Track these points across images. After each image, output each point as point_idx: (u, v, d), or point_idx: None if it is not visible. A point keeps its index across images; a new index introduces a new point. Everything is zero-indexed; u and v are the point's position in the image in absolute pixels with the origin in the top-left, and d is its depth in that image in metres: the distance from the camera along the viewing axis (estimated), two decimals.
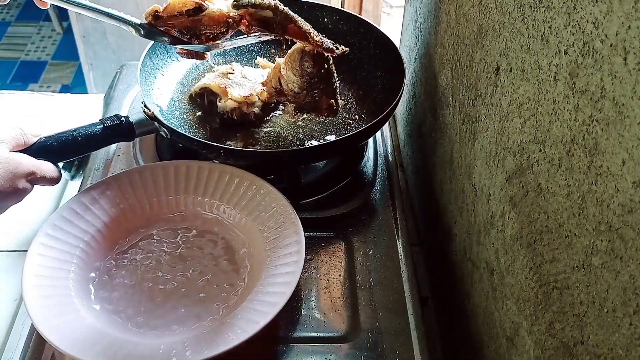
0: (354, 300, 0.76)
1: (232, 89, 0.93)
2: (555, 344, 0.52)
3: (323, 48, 0.78)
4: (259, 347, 0.70)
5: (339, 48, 0.79)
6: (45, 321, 0.66)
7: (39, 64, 2.73)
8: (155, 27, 0.78)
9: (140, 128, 0.86)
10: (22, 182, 0.71)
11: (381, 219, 0.87)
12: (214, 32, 0.77)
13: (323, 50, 0.78)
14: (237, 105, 0.92)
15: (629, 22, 0.39)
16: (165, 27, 0.78)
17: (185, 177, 0.84)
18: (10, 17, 3.00)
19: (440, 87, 0.86)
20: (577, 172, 0.47)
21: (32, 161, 0.73)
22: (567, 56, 0.48)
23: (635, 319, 0.40)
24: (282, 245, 0.75)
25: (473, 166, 0.72)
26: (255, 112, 0.94)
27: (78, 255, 0.75)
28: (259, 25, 0.78)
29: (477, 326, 0.74)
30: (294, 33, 0.78)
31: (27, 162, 0.73)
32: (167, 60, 1.00)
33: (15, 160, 0.71)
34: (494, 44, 0.64)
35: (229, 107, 0.92)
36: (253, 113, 0.94)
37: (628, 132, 0.40)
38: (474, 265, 0.73)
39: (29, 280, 0.70)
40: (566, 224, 0.49)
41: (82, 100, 1.31)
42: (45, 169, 0.75)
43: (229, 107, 0.92)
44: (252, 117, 0.94)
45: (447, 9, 0.82)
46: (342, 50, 0.79)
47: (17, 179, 0.71)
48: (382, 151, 0.99)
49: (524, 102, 0.56)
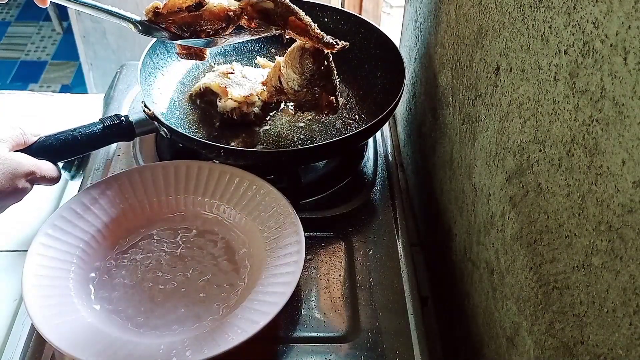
0: (354, 300, 0.76)
1: (232, 88, 0.93)
2: (556, 344, 0.52)
3: (323, 43, 0.78)
4: (259, 347, 0.70)
5: (339, 43, 0.79)
6: (45, 321, 0.66)
7: (39, 64, 2.73)
8: (155, 24, 0.77)
9: (140, 128, 0.86)
10: (22, 182, 0.71)
11: (381, 219, 0.87)
12: (214, 27, 0.77)
13: (322, 45, 0.78)
14: (237, 105, 0.92)
15: (629, 22, 0.39)
16: (165, 24, 0.78)
17: (185, 177, 0.84)
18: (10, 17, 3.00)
19: (440, 87, 0.86)
20: (577, 172, 0.47)
21: (32, 161, 0.74)
22: (567, 56, 0.48)
23: (635, 319, 0.40)
24: (282, 245, 0.75)
25: (473, 166, 0.72)
26: (255, 112, 0.94)
27: (78, 255, 0.75)
28: (260, 18, 0.78)
29: (477, 326, 0.74)
30: (294, 26, 0.78)
31: (27, 162, 0.73)
32: (168, 59, 1.00)
33: (15, 160, 0.71)
34: (494, 44, 0.64)
35: (229, 107, 0.92)
36: (253, 113, 0.93)
37: (628, 132, 0.40)
38: (474, 265, 0.73)
39: (29, 280, 0.70)
40: (566, 224, 0.49)
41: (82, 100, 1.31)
42: (45, 168, 0.75)
43: (229, 107, 0.92)
44: (252, 117, 0.94)
45: (447, 9, 0.82)
46: (342, 45, 0.79)
47: (17, 179, 0.71)
48: (382, 151, 0.99)
49: (524, 102, 0.56)
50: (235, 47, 1.07)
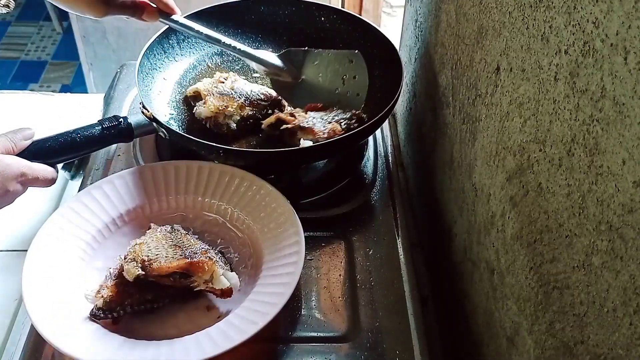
0: (354, 300, 0.76)
1: (213, 97, 0.91)
2: (556, 344, 0.52)
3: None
4: (259, 347, 0.70)
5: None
6: (45, 321, 0.66)
7: (39, 64, 2.73)
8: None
9: (139, 129, 0.85)
10: (12, 184, 0.71)
11: (381, 219, 0.87)
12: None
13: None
14: (212, 115, 0.90)
15: (629, 22, 0.39)
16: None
17: (185, 177, 0.84)
18: (10, 17, 3.00)
19: (441, 86, 0.86)
20: (577, 171, 0.47)
21: (22, 162, 0.73)
22: (568, 56, 0.48)
23: (635, 319, 0.40)
24: (282, 245, 0.75)
25: (473, 166, 0.72)
26: (230, 126, 0.90)
27: (78, 255, 0.75)
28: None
29: (477, 326, 0.74)
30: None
31: (16, 164, 0.72)
32: (165, 60, 1.00)
33: (3, 162, 0.71)
34: (495, 44, 0.64)
35: (203, 115, 0.90)
36: (227, 126, 0.90)
37: (628, 131, 0.40)
38: (474, 265, 0.73)
39: (29, 280, 0.70)
40: (566, 224, 0.49)
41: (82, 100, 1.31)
42: (38, 169, 0.74)
43: (203, 114, 0.90)
44: (225, 130, 0.90)
45: (447, 9, 0.82)
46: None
47: (6, 181, 0.70)
48: (382, 151, 0.99)
49: (525, 102, 0.56)
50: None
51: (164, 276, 0.69)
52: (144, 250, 0.70)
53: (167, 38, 1.00)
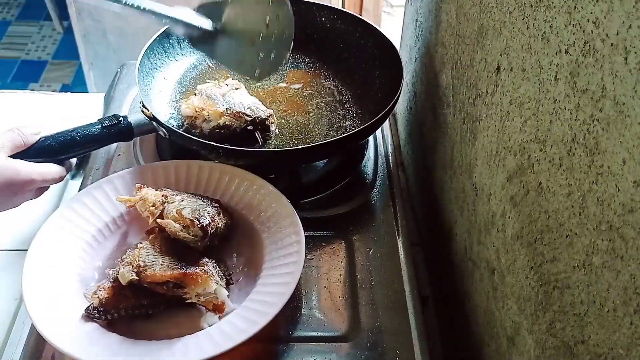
0: (355, 299, 0.76)
1: (199, 97, 0.90)
2: (556, 344, 0.52)
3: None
4: (259, 346, 0.70)
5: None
6: (45, 321, 0.66)
7: (39, 64, 2.73)
8: None
9: (138, 128, 0.85)
10: (21, 191, 0.71)
11: (381, 219, 0.87)
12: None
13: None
14: (192, 115, 0.88)
15: (630, 22, 0.39)
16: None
17: (185, 177, 0.84)
18: (10, 17, 3.00)
19: (441, 86, 0.86)
20: (577, 171, 0.47)
21: (31, 167, 0.73)
22: (568, 55, 0.48)
23: (635, 319, 0.40)
24: (282, 245, 0.75)
25: (474, 165, 0.72)
26: (203, 130, 0.87)
27: (79, 254, 0.75)
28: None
29: (477, 325, 0.74)
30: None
31: (25, 170, 0.72)
32: (165, 60, 1.00)
33: (13, 168, 0.70)
34: (495, 43, 0.64)
35: (184, 113, 0.89)
36: (200, 130, 0.87)
37: (629, 131, 0.40)
38: (475, 264, 0.73)
39: (29, 279, 0.70)
40: (567, 224, 0.49)
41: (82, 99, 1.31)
42: (46, 171, 0.74)
43: (184, 113, 0.89)
44: (198, 133, 0.87)
45: (447, 9, 0.82)
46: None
47: (15, 187, 0.70)
48: (383, 151, 0.99)
49: (525, 102, 0.56)
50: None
51: (157, 284, 0.68)
52: (141, 255, 0.70)
53: (167, 37, 1.00)
